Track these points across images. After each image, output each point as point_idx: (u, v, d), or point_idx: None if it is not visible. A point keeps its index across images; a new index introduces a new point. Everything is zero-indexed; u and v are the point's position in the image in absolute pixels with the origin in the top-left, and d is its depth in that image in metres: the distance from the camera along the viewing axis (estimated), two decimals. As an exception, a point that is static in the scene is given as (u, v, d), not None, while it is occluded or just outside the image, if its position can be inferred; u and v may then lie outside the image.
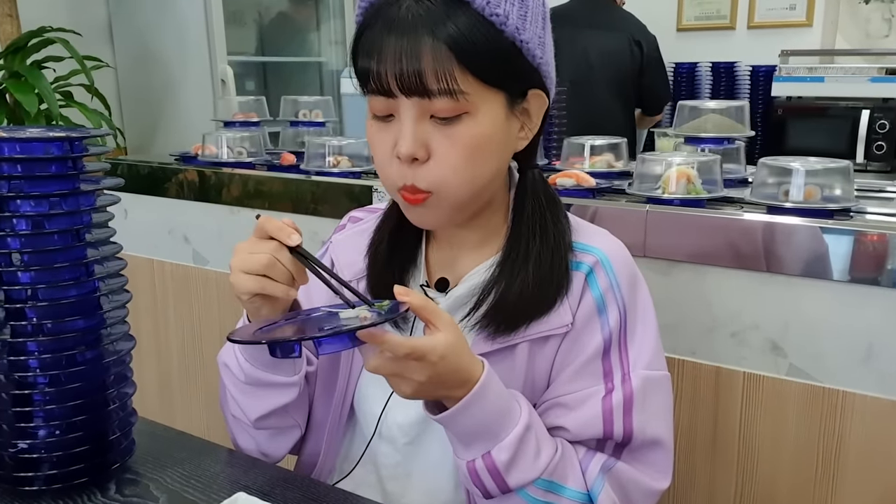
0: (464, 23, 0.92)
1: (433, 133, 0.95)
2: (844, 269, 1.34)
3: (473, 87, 0.93)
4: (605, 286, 1.04)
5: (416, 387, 0.90)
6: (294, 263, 0.95)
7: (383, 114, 0.98)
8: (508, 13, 0.94)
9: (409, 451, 1.11)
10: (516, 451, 0.94)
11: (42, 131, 1.01)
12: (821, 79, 3.55)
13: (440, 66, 0.91)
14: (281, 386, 1.10)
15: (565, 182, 1.71)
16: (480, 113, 0.95)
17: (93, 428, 1.05)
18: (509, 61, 0.96)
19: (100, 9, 3.98)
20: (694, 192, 1.56)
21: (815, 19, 4.08)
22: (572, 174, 1.73)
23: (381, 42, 0.93)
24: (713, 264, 1.46)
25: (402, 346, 0.86)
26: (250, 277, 0.94)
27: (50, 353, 1.00)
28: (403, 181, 0.98)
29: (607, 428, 1.01)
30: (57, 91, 3.30)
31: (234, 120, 2.53)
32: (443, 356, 0.88)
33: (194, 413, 2.35)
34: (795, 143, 3.55)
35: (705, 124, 1.98)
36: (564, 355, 1.04)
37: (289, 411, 1.14)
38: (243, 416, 1.13)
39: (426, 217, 1.03)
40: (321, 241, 1.29)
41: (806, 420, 1.38)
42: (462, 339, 0.92)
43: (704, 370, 1.46)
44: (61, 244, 0.99)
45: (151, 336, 2.38)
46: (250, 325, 0.98)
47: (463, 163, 0.96)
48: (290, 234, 0.94)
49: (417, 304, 0.89)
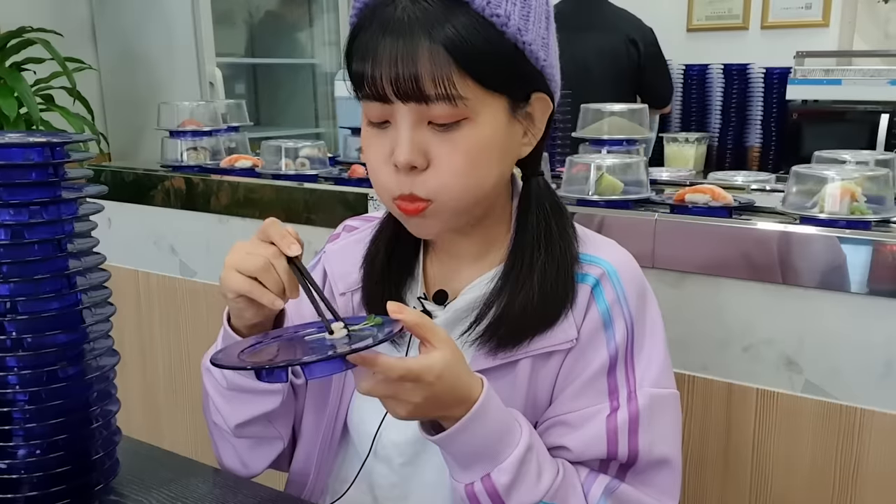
0: (463, 24, 0.92)
1: (432, 140, 0.95)
2: (863, 281, 1.34)
3: (473, 91, 0.93)
4: (612, 299, 1.04)
5: (411, 409, 0.90)
6: (288, 274, 0.95)
7: (379, 120, 0.98)
8: (510, 14, 0.94)
9: (406, 471, 1.11)
10: (517, 473, 0.94)
11: (22, 136, 1.01)
12: (838, 81, 3.56)
13: (438, 70, 0.91)
14: (264, 393, 1.10)
15: (696, 198, 1.57)
16: (481, 118, 0.95)
17: (75, 447, 1.05)
18: (511, 64, 0.96)
19: (82, 8, 4.00)
20: (858, 213, 1.42)
21: (831, 19, 4.08)
22: (706, 189, 1.58)
23: (375, 45, 0.93)
24: (725, 275, 1.46)
25: (395, 369, 0.86)
26: (242, 278, 0.94)
27: (30, 369, 1.00)
28: (401, 190, 0.98)
29: (611, 448, 1.01)
30: (37, 94, 3.32)
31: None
32: (439, 376, 0.88)
33: (181, 431, 2.35)
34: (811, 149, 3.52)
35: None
36: (568, 372, 1.04)
37: (271, 421, 1.14)
38: (223, 423, 1.13)
39: (424, 227, 1.03)
40: (314, 251, 1.30)
41: (822, 439, 1.38)
42: (459, 356, 0.92)
43: (716, 386, 1.46)
44: (42, 255, 1.00)
45: (136, 351, 2.38)
46: (234, 345, 0.97)
47: (463, 171, 0.96)
48: (291, 243, 0.95)
49: (412, 322, 0.89)
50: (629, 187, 1.68)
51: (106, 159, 3.63)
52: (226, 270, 0.96)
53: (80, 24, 3.97)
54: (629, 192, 1.67)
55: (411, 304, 1.11)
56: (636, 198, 1.66)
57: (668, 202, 1.62)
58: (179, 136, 2.41)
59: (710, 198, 1.55)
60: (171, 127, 2.44)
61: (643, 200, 1.67)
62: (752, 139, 3.93)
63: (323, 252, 1.24)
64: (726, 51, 4.17)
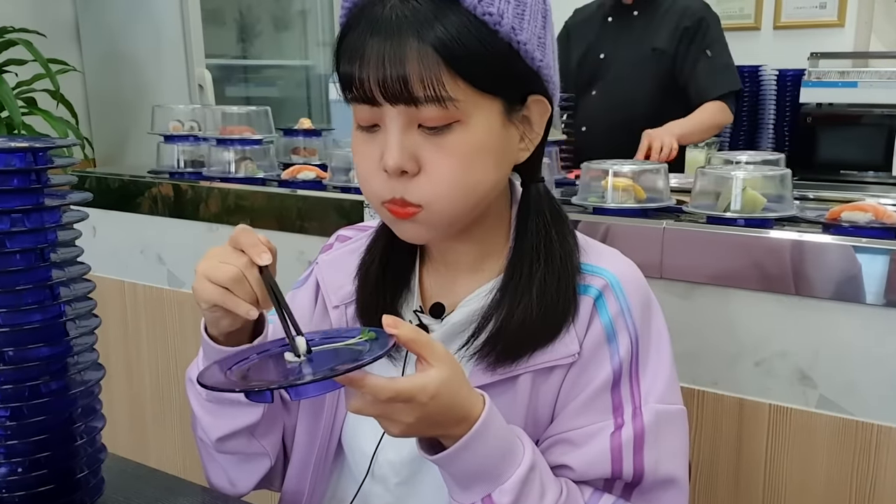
0: (453, 23, 0.92)
1: (422, 144, 0.95)
2: (879, 292, 1.35)
3: (465, 93, 0.93)
4: (616, 312, 1.04)
5: (404, 428, 0.90)
6: (260, 285, 0.95)
7: (368, 124, 0.98)
8: (503, 12, 0.94)
9: (402, 491, 1.11)
10: (519, 493, 0.94)
11: (3, 141, 1.01)
12: (854, 84, 3.57)
13: (427, 71, 0.91)
14: (244, 405, 1.10)
15: (856, 217, 1.44)
16: (473, 121, 0.95)
17: (58, 465, 1.05)
18: (505, 65, 0.96)
19: (65, 7, 4.00)
20: None
21: (847, 19, 4.09)
22: (867, 207, 1.44)
23: (363, 45, 0.93)
24: (736, 286, 1.47)
25: (384, 391, 0.86)
26: (214, 287, 0.95)
27: (12, 384, 1.01)
28: (392, 194, 0.98)
29: (616, 467, 1.01)
30: (19, 97, 3.32)
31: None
32: (434, 395, 0.87)
33: (168, 448, 2.35)
34: (826, 155, 3.57)
35: None
36: (570, 387, 1.04)
37: (255, 436, 1.14)
38: (206, 437, 1.14)
39: (414, 232, 1.02)
40: (308, 261, 1.30)
41: (837, 457, 1.38)
42: (459, 373, 0.92)
43: (727, 402, 1.46)
44: (24, 264, 1.00)
45: (122, 365, 2.38)
46: (223, 361, 0.96)
47: (456, 176, 0.96)
48: (262, 252, 0.95)
49: (407, 338, 0.88)
50: (771, 203, 1.56)
51: (91, 165, 3.64)
52: (198, 279, 0.96)
53: (63, 24, 3.98)
54: (770, 208, 1.56)
55: (407, 318, 1.11)
56: (777, 216, 1.54)
57: (819, 220, 1.51)
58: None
59: (873, 216, 1.44)
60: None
61: (788, 219, 1.56)
62: (765, 144, 3.93)
63: (316, 263, 1.24)
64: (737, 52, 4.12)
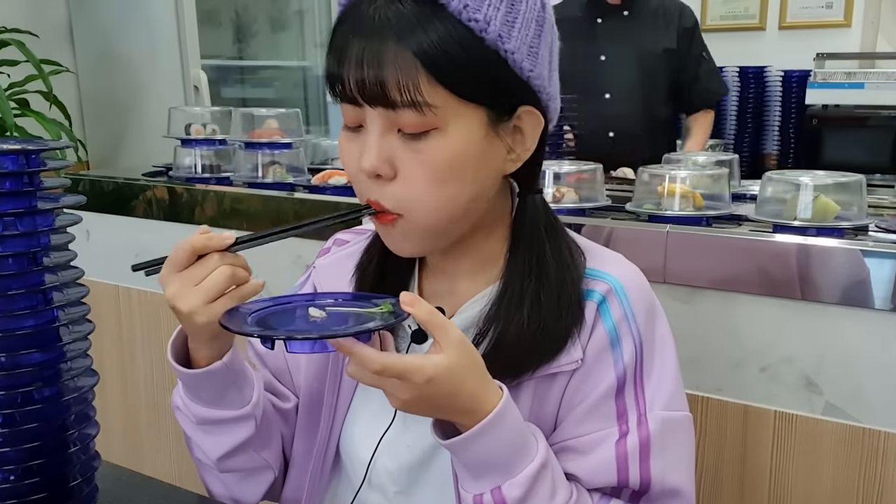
0: (436, 29, 0.91)
1: (400, 148, 0.95)
2: (887, 297, 1.35)
3: (444, 100, 0.93)
4: (619, 317, 1.04)
5: (400, 404, 0.91)
6: (242, 258, 0.96)
7: (353, 124, 0.99)
8: (490, 19, 0.93)
9: (400, 500, 1.11)
10: (529, 489, 0.94)
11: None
12: (860, 85, 3.57)
13: (404, 75, 0.91)
14: (232, 421, 1.10)
15: None
16: (451, 129, 0.94)
17: (51, 473, 1.05)
18: (489, 73, 0.95)
19: (59, 7, 3.99)
20: None
21: (853, 19, 4.10)
22: None
23: (345, 45, 0.93)
24: (741, 291, 1.47)
25: (372, 362, 0.86)
26: (223, 299, 0.95)
27: (4, 390, 1.00)
28: (368, 195, 0.99)
29: (622, 476, 1.01)
30: (11, 98, 3.31)
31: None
32: (430, 379, 0.87)
33: (163, 456, 2.35)
34: (832, 157, 3.56)
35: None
36: (573, 394, 1.04)
37: (254, 449, 1.14)
38: (206, 458, 1.14)
39: (400, 244, 1.03)
40: (305, 265, 1.30)
41: (844, 464, 1.38)
42: (469, 364, 0.91)
43: (731, 409, 1.46)
44: (16, 269, 1.00)
45: (116, 371, 2.38)
46: (247, 305, 0.97)
47: (430, 185, 0.96)
48: (223, 238, 0.95)
49: (423, 317, 0.89)
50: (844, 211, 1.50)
51: (84, 167, 3.64)
52: (201, 312, 0.94)
53: (56, 24, 3.97)
54: (843, 216, 1.49)
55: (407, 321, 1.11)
56: (848, 226, 1.47)
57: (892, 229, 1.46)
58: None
59: None
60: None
61: (860, 228, 1.49)
62: (770, 146, 3.94)
63: (313, 268, 1.24)
64: (742, 52, 4.18)
